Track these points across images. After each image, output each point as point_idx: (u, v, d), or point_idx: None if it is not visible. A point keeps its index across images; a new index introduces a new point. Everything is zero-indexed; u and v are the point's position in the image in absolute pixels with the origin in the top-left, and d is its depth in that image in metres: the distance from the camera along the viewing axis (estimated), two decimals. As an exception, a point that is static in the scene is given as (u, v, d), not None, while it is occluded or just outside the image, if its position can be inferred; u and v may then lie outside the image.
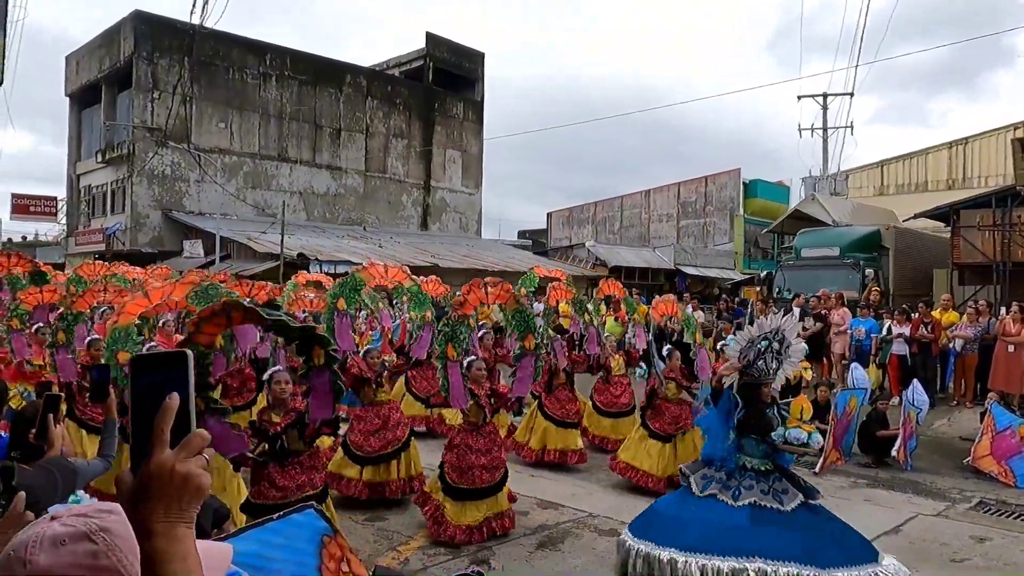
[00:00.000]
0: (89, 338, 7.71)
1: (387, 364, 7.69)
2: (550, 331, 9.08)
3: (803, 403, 5.20)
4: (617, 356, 9.58)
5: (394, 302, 11.17)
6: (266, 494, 4.82)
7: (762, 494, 4.83)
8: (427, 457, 7.38)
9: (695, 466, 5.22)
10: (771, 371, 4.94)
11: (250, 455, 4.89)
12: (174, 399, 0.97)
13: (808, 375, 9.61)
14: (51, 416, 2.84)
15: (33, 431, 2.82)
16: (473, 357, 6.50)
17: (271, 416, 5.06)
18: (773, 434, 4.91)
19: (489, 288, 6.60)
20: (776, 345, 4.92)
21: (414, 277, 8.77)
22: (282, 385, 5.11)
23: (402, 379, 9.63)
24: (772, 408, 4.97)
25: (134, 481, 0.97)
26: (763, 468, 4.93)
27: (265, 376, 5.34)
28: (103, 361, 6.00)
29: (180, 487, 0.96)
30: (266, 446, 4.95)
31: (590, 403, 9.49)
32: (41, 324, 8.28)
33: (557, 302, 10.02)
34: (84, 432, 6.88)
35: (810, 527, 4.74)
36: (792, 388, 9.11)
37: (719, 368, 5.31)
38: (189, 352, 1.02)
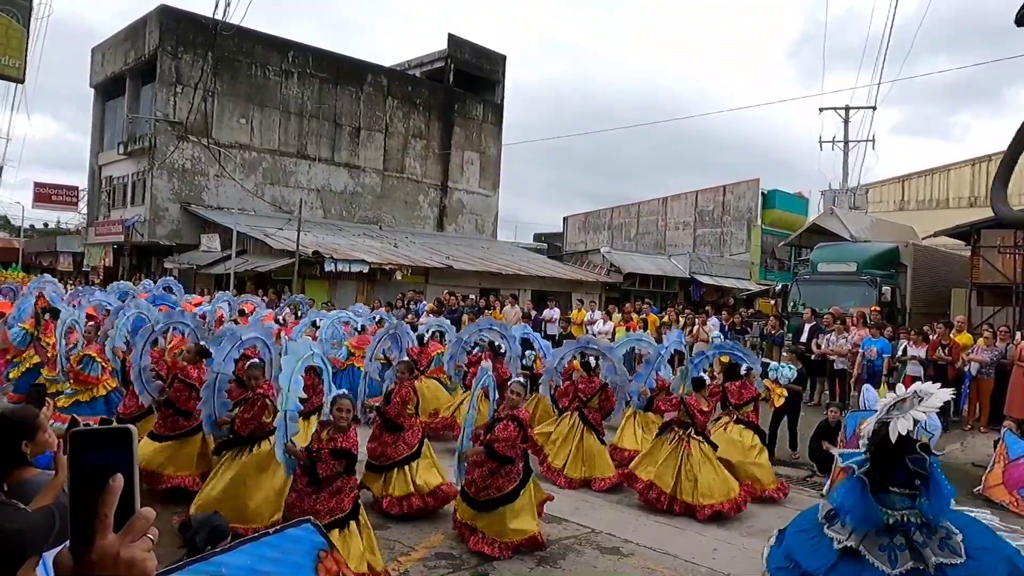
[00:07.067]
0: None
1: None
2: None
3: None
4: None
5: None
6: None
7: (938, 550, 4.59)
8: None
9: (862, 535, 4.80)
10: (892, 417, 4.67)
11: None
12: (118, 480, 0.93)
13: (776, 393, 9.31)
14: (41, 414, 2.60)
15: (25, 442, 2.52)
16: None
17: (320, 434, 5.23)
18: None
19: None
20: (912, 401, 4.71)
21: None
22: (343, 412, 5.22)
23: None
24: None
25: (76, 568, 0.92)
26: (920, 520, 4.68)
27: (329, 398, 5.41)
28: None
29: (125, 575, 0.92)
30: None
31: None
32: None
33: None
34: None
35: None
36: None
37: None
38: (133, 428, 0.98)
